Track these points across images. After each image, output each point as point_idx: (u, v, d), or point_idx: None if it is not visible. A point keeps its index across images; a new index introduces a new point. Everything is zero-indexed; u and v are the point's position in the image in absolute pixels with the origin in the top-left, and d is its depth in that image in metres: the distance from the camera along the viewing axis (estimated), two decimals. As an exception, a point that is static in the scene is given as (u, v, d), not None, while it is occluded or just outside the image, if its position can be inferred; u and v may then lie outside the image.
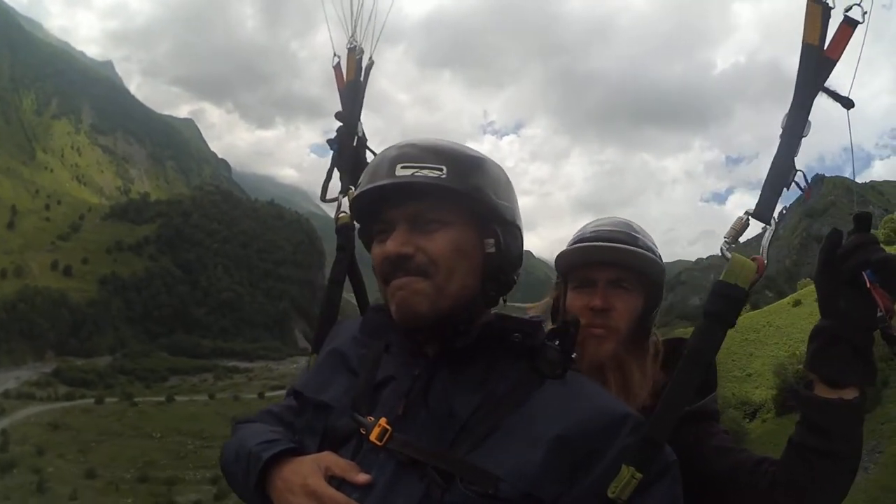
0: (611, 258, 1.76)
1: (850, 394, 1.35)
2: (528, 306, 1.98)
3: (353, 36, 2.17)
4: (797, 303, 65.24)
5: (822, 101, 1.38)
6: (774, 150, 1.36)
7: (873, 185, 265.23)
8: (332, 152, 2.13)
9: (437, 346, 1.31)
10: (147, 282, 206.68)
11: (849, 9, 1.34)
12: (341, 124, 2.12)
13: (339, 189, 2.05)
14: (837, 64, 1.36)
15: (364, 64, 2.19)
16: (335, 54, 2.21)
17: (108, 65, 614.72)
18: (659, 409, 1.25)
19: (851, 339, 1.33)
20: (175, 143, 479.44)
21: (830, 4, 1.36)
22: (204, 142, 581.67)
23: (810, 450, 1.38)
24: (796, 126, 1.35)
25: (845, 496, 1.44)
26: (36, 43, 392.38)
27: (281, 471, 1.28)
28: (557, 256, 1.87)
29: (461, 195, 1.25)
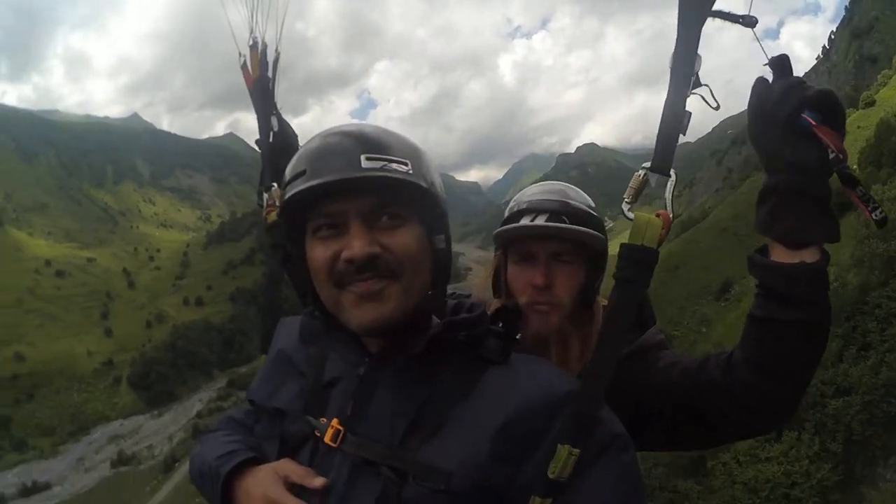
0: (550, 232, 1.74)
1: (811, 255, 1.27)
2: (470, 282, 2.07)
3: (253, 32, 2.10)
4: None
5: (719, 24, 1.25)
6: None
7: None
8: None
9: (381, 343, 1.27)
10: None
11: None
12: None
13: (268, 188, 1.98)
14: None
15: (270, 58, 2.13)
16: (240, 54, 2.14)
17: (135, 117, 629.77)
18: (584, 382, 1.18)
19: (809, 190, 1.24)
20: (228, 160, 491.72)
21: None
22: (251, 148, 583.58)
23: (777, 321, 1.30)
24: (685, 65, 1.22)
25: (817, 367, 1.37)
26: (65, 128, 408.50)
27: (242, 483, 1.29)
28: (496, 234, 1.85)
29: (424, 192, 1.21)
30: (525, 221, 1.77)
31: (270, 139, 2.07)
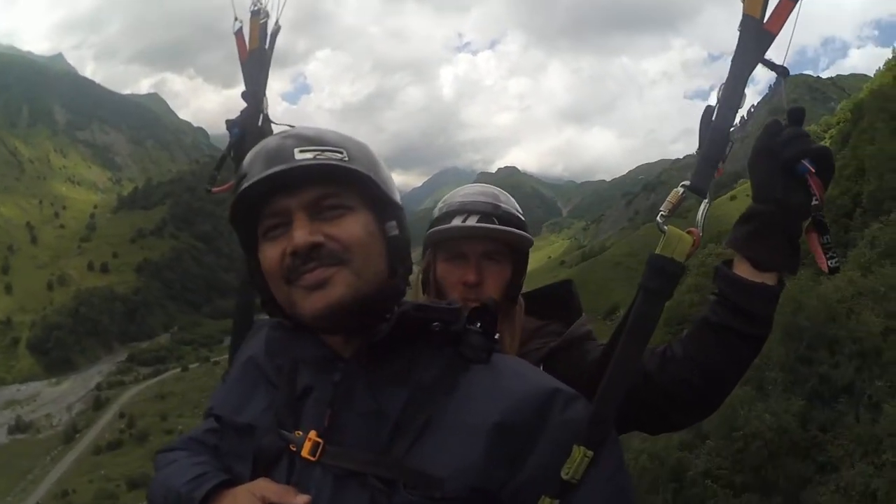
0: (482, 234, 1.81)
1: (771, 279, 1.38)
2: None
3: None
4: (733, 198, 76.67)
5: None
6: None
7: (835, 81, 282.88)
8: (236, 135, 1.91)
9: (352, 346, 1.22)
10: (176, 260, 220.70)
11: None
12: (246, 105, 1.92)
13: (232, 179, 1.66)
14: (776, 38, 1.36)
15: (270, 29, 1.95)
16: (236, 18, 1.96)
17: (59, 58, 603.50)
18: (604, 387, 1.23)
19: (787, 226, 1.36)
20: (148, 122, 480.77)
21: None
22: (173, 113, 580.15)
23: (732, 331, 1.39)
24: (733, 99, 1.36)
25: (745, 373, 1.51)
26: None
27: None
28: (428, 234, 1.89)
29: (364, 178, 1.19)
30: (457, 222, 1.84)
31: (260, 122, 1.93)
